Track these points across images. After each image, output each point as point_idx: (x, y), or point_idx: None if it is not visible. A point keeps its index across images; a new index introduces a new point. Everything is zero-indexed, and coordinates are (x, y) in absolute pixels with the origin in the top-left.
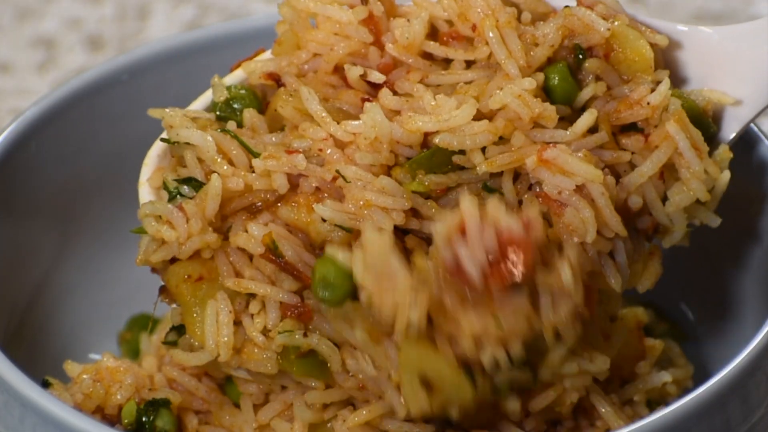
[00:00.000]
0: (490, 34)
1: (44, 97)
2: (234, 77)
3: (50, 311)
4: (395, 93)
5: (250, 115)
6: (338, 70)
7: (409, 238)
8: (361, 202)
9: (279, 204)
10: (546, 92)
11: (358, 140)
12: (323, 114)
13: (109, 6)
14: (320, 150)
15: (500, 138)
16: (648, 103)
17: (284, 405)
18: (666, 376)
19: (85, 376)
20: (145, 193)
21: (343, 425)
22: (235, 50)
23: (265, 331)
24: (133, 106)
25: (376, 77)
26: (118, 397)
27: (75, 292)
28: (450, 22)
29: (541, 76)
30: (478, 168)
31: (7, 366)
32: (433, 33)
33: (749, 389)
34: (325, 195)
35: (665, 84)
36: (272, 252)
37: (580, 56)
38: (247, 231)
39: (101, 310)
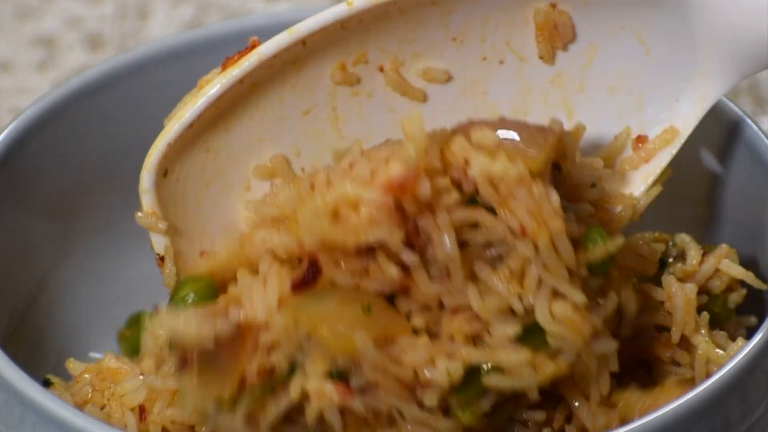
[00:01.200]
0: (544, 248)
1: (44, 96)
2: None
3: (51, 310)
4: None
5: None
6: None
7: None
8: None
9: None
10: None
11: (422, 379)
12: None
13: (109, 5)
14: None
15: None
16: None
17: None
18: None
19: (86, 376)
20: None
21: None
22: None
23: None
24: (133, 105)
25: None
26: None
27: (75, 290)
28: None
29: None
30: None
31: (7, 365)
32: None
33: (749, 387)
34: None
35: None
36: None
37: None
38: None
39: (101, 309)
